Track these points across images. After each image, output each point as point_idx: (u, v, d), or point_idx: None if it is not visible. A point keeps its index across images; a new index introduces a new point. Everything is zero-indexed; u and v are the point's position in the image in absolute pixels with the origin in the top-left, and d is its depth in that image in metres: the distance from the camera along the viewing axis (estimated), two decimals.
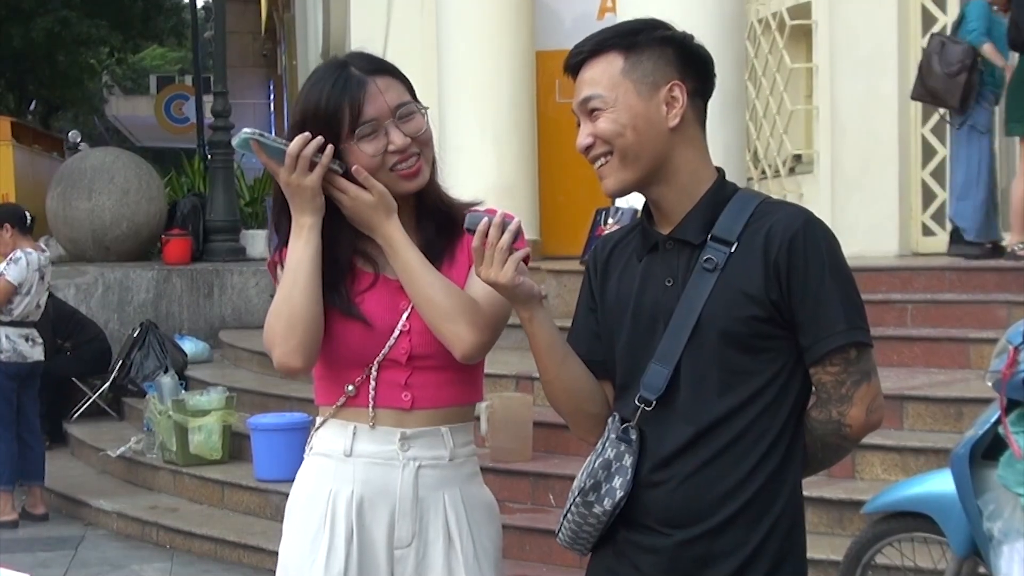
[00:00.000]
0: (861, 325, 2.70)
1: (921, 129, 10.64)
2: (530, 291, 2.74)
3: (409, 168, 2.94)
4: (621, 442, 2.73)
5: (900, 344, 7.90)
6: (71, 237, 14.54)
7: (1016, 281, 8.37)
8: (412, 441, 2.97)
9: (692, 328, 2.68)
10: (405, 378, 2.96)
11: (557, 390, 2.85)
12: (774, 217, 2.70)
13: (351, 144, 2.91)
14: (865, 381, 2.71)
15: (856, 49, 10.68)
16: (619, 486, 2.71)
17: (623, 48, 2.75)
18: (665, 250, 2.77)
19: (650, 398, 2.71)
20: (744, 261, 2.68)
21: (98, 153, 15.77)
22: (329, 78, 2.94)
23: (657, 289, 2.76)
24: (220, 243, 14.85)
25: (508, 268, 2.70)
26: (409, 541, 2.98)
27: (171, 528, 8.57)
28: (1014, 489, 4.58)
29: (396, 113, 2.93)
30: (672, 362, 2.70)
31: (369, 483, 2.96)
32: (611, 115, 2.72)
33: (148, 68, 46.12)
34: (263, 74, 34.25)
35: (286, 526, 3.06)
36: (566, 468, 7.26)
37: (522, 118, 10.67)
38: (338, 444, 2.98)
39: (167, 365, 11.42)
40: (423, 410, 2.98)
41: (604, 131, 2.73)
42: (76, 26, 27.32)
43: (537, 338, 2.78)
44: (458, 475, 3.03)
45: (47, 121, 36.29)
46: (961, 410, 6.80)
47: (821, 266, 2.66)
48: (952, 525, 4.99)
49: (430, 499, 2.99)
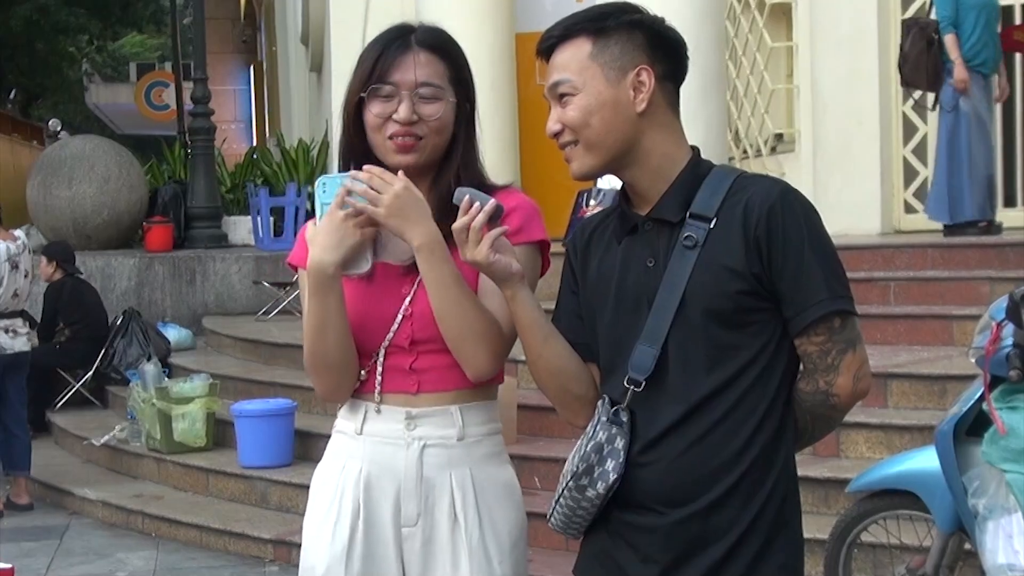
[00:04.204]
0: (843, 294, 2.70)
1: (902, 107, 10.66)
2: (506, 268, 2.75)
3: (402, 143, 2.94)
4: (612, 424, 2.72)
5: (883, 322, 7.91)
6: (52, 226, 14.49)
7: (998, 257, 8.39)
8: (418, 420, 2.98)
9: (677, 306, 2.68)
10: (410, 363, 2.97)
11: (541, 369, 2.85)
12: (751, 190, 2.70)
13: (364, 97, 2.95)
14: (850, 349, 2.70)
15: (836, 28, 10.69)
16: (612, 469, 2.71)
17: (592, 32, 2.75)
18: (644, 231, 2.76)
19: (639, 379, 2.71)
20: (724, 236, 2.68)
21: (78, 141, 15.70)
22: (386, 36, 2.99)
23: (639, 270, 2.75)
24: (202, 230, 14.82)
25: (483, 246, 2.72)
26: (415, 520, 2.98)
27: (156, 516, 8.55)
28: (998, 465, 4.59)
29: (417, 89, 2.93)
30: (659, 341, 2.69)
31: (376, 461, 2.99)
32: (579, 101, 2.73)
33: (128, 55, 45.97)
34: (243, 60, 34.13)
35: (309, 500, 3.11)
36: (551, 451, 7.26)
37: (503, 101, 10.64)
38: (351, 423, 3.03)
39: (150, 353, 11.37)
40: (430, 393, 2.99)
41: (571, 120, 2.74)
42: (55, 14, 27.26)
43: (518, 316, 2.80)
44: (469, 455, 3.02)
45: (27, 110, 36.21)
46: (945, 387, 6.81)
47: (800, 236, 2.66)
48: (937, 502, 5.00)
49: (436, 479, 2.99)
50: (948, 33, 9.35)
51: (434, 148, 2.98)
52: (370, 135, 2.96)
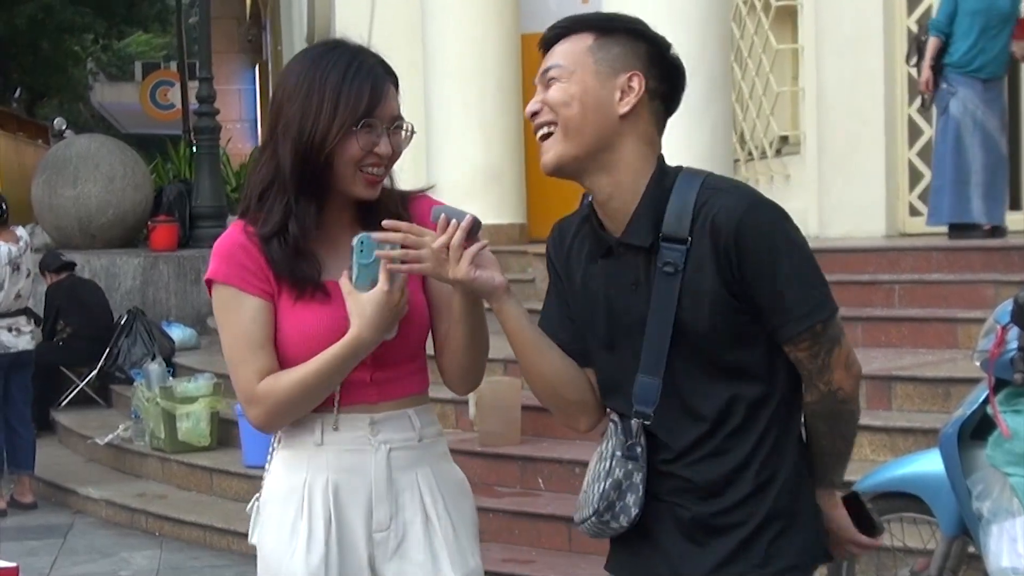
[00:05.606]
0: (820, 300, 2.71)
1: (907, 109, 10.64)
2: (489, 282, 2.75)
3: (375, 175, 2.91)
4: (628, 460, 2.75)
5: (888, 324, 7.90)
6: (57, 225, 14.50)
7: (1003, 261, 8.38)
8: (381, 425, 2.98)
9: (671, 336, 2.70)
10: (370, 375, 2.96)
11: (533, 376, 2.86)
12: (716, 206, 2.67)
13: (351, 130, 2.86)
14: (836, 347, 2.73)
15: (842, 29, 10.67)
16: (633, 503, 2.75)
17: (597, 29, 2.75)
18: (619, 254, 2.76)
19: (647, 411, 2.73)
20: (700, 257, 2.67)
21: (83, 140, 15.70)
22: (344, 59, 2.90)
23: (624, 292, 2.76)
24: (206, 229, 14.81)
25: (463, 264, 2.71)
26: (388, 524, 2.98)
27: (160, 515, 8.56)
28: (1003, 468, 4.58)
29: (394, 123, 2.92)
30: (659, 371, 2.71)
31: (343, 470, 2.96)
32: (563, 85, 2.72)
33: (133, 54, 45.96)
34: (248, 60, 34.14)
35: (263, 520, 3.03)
36: (554, 451, 7.26)
37: (508, 102, 10.64)
38: (307, 436, 2.98)
39: (154, 352, 11.39)
40: (389, 400, 3.00)
41: (552, 98, 2.73)
42: (60, 13, 27.26)
43: (507, 327, 2.81)
44: (428, 455, 3.05)
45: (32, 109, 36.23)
46: (949, 390, 6.80)
47: (772, 252, 2.66)
48: (941, 505, 4.99)
49: (404, 480, 3.00)
50: (932, 36, 9.50)
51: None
52: (342, 167, 2.88)
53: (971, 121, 9.40)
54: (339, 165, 2.88)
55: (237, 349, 2.95)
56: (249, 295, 2.92)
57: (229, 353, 2.97)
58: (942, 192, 9.49)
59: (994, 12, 9.44)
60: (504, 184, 10.50)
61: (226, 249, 2.95)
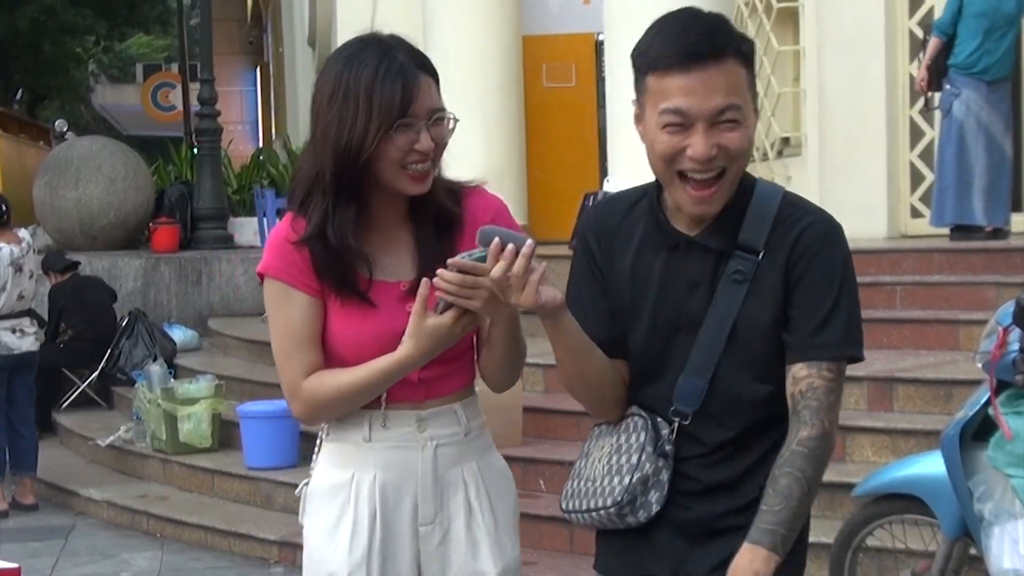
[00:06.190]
0: (860, 339, 2.73)
1: (909, 111, 10.64)
2: (551, 303, 2.65)
3: (420, 172, 2.90)
4: (659, 457, 2.75)
5: (889, 326, 7.90)
6: (58, 226, 14.50)
7: (1005, 262, 8.38)
8: (427, 422, 3.00)
9: (727, 341, 2.69)
10: (417, 375, 2.96)
11: (577, 379, 2.81)
12: (801, 223, 2.70)
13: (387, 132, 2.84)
14: (841, 393, 2.73)
15: (843, 31, 10.67)
16: (655, 500, 2.75)
17: (742, 59, 2.68)
18: (687, 252, 2.74)
19: (687, 412, 2.73)
20: (770, 271, 2.69)
21: (85, 142, 15.70)
22: (374, 58, 2.87)
23: (680, 290, 2.74)
24: (208, 231, 14.82)
25: (528, 292, 2.62)
26: (433, 518, 3.01)
27: (161, 517, 8.56)
28: (1004, 470, 4.58)
29: (432, 116, 2.90)
30: (707, 375, 2.71)
31: (390, 467, 2.99)
32: (745, 132, 2.65)
33: (134, 56, 45.99)
34: (250, 62, 34.18)
35: (309, 513, 3.07)
36: (556, 453, 7.26)
37: (509, 103, 10.65)
38: (356, 432, 3.00)
39: (156, 353, 11.38)
40: (435, 398, 3.02)
41: (739, 148, 2.64)
42: (61, 14, 27.29)
43: (562, 343, 2.73)
44: (473, 448, 3.07)
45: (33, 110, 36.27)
46: (951, 392, 6.80)
47: (837, 279, 2.69)
48: (943, 507, 4.99)
49: (450, 475, 3.03)
50: (933, 37, 9.53)
51: (437, 168, 2.98)
52: (385, 169, 2.88)
53: (974, 123, 9.40)
54: (381, 167, 2.87)
55: (283, 344, 2.95)
56: (297, 291, 2.93)
57: (276, 346, 2.98)
58: (946, 193, 9.49)
59: (999, 14, 9.44)
60: (505, 185, 10.46)
61: (277, 243, 2.96)
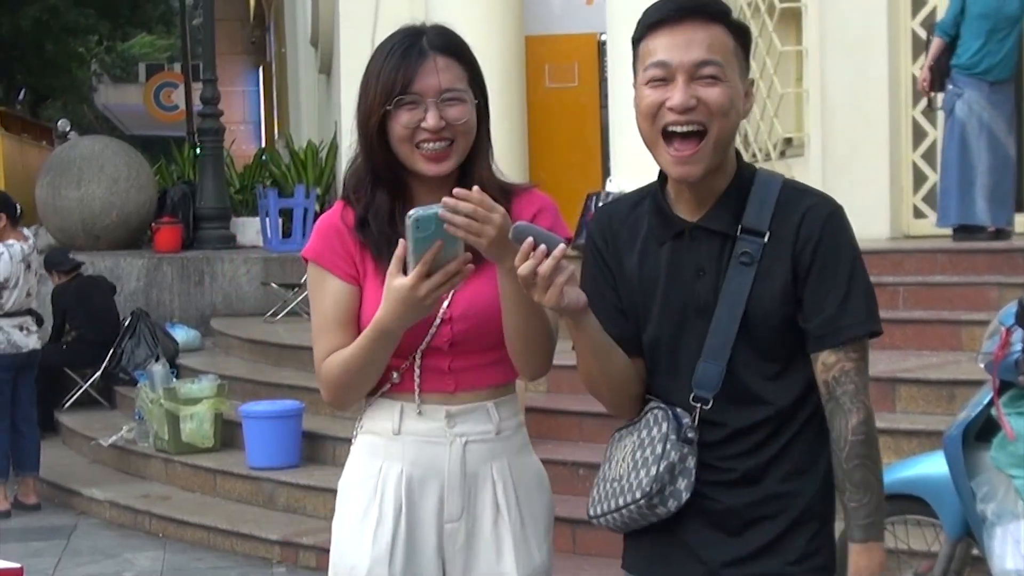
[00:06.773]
0: (877, 313, 2.76)
1: (912, 111, 10.64)
2: (574, 305, 2.63)
3: (434, 151, 2.92)
4: (684, 444, 2.74)
5: (892, 327, 7.88)
6: (61, 226, 14.51)
7: (1007, 263, 8.38)
8: (458, 418, 3.00)
9: (739, 324, 2.70)
10: (448, 364, 2.98)
11: (599, 379, 2.81)
12: (803, 205, 2.73)
13: (386, 108, 2.91)
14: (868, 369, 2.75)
15: (846, 32, 10.67)
16: (684, 488, 2.74)
17: (732, 30, 2.71)
18: (691, 238, 2.75)
19: (707, 396, 2.73)
20: (777, 252, 2.70)
21: (87, 142, 15.73)
22: (399, 44, 2.94)
23: (686, 278, 2.75)
24: (210, 231, 14.84)
25: (551, 293, 2.58)
26: (459, 515, 3.02)
27: (163, 517, 8.56)
28: (1007, 471, 4.58)
29: (441, 95, 2.91)
30: (723, 358, 2.71)
31: (418, 462, 3.00)
32: (725, 89, 2.66)
33: (137, 56, 46.01)
34: (252, 61, 34.17)
35: (338, 503, 3.11)
36: (558, 453, 7.26)
37: (512, 103, 10.65)
38: (386, 423, 3.02)
39: (158, 353, 11.38)
40: (467, 391, 3.01)
41: (715, 101, 2.66)
42: (64, 14, 27.32)
43: (585, 343, 2.73)
44: (506, 447, 3.06)
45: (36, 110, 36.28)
46: (953, 392, 6.80)
47: (846, 258, 2.73)
48: (945, 507, 4.98)
49: (478, 473, 3.02)
50: (936, 37, 9.55)
51: (463, 152, 2.97)
52: (397, 147, 2.93)
53: (977, 123, 9.40)
54: (396, 147, 2.94)
55: (316, 326, 3.03)
56: (334, 277, 2.99)
57: (313, 328, 3.05)
58: (950, 194, 9.49)
59: (1002, 15, 9.44)
60: None
61: (322, 230, 3.04)
